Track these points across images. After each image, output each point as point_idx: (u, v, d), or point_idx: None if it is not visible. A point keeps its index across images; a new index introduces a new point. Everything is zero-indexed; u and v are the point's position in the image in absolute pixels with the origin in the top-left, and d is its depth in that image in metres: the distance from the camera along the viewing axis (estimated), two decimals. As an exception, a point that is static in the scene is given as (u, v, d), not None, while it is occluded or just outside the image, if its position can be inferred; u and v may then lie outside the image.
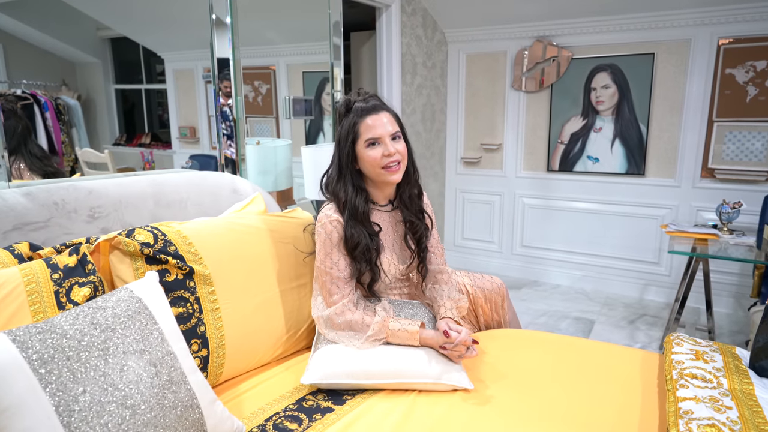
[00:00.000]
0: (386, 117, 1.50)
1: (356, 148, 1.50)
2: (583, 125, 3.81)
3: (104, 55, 2.85)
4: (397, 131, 1.51)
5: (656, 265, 3.72)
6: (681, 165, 3.53)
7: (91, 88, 2.81)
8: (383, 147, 1.47)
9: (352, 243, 1.46)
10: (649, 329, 3.26)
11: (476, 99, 4.21)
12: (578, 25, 3.67)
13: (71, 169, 2.64)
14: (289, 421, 1.22)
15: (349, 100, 1.54)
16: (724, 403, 1.22)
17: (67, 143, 2.62)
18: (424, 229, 1.61)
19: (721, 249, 2.61)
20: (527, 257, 4.23)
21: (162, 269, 1.29)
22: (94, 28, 2.81)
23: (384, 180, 1.51)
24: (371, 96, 1.55)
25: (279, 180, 2.76)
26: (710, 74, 3.34)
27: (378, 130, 1.47)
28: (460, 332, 1.41)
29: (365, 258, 1.48)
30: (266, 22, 3.20)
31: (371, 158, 1.47)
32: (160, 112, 3.21)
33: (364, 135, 1.48)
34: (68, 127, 2.65)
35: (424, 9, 3.86)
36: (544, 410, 1.30)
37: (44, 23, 2.53)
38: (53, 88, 2.59)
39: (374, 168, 1.48)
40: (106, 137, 2.93)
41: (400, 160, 1.50)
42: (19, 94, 2.42)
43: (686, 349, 1.48)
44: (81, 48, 2.79)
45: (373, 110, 1.50)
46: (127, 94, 3.00)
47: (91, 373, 0.93)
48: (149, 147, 3.12)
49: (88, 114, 2.77)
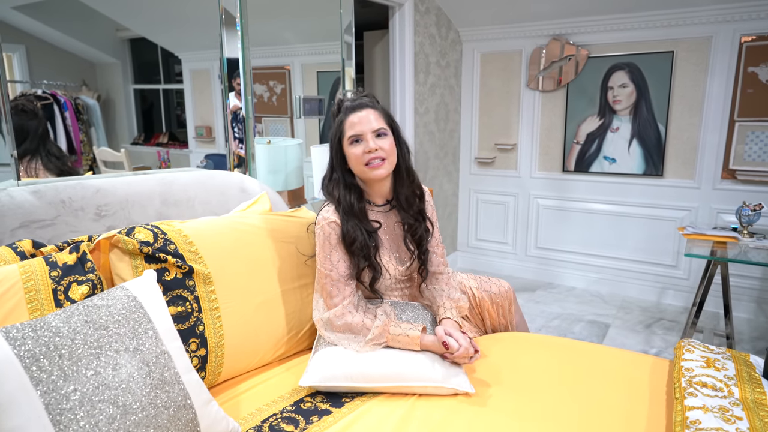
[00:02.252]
0: (372, 114, 1.48)
1: (343, 147, 1.50)
2: (600, 125, 3.74)
3: (123, 56, 2.88)
4: (382, 128, 1.49)
5: (674, 268, 3.64)
6: (701, 166, 3.44)
7: (110, 88, 2.84)
8: (364, 143, 1.46)
9: (349, 239, 1.45)
10: (666, 334, 3.18)
11: (490, 98, 4.16)
12: (595, 23, 3.60)
13: (90, 167, 2.68)
14: (285, 423, 1.21)
15: (341, 100, 1.54)
16: (734, 413, 1.17)
17: (85, 142, 2.66)
18: (423, 232, 1.59)
19: (740, 253, 2.53)
20: (542, 259, 4.16)
21: (161, 268, 1.29)
22: (114, 29, 2.84)
23: (368, 177, 1.49)
24: (363, 95, 1.54)
25: (289, 179, 2.76)
26: (732, 72, 3.25)
27: (359, 127, 1.46)
28: (459, 341, 1.37)
29: (363, 253, 1.46)
30: (282, 22, 3.20)
31: (354, 155, 1.47)
32: (178, 112, 3.23)
33: (347, 132, 1.48)
34: (87, 126, 2.69)
35: (438, 8, 3.83)
36: (547, 416, 1.26)
37: (65, 25, 2.57)
38: (73, 88, 2.63)
39: (359, 165, 1.48)
40: (125, 137, 2.96)
41: (385, 157, 1.47)
42: (39, 93, 2.46)
43: (697, 355, 1.44)
44: (101, 49, 2.82)
45: (358, 108, 1.49)
46: (146, 94, 3.03)
47: (83, 371, 0.93)
48: (166, 146, 3.15)
49: (107, 114, 2.81)
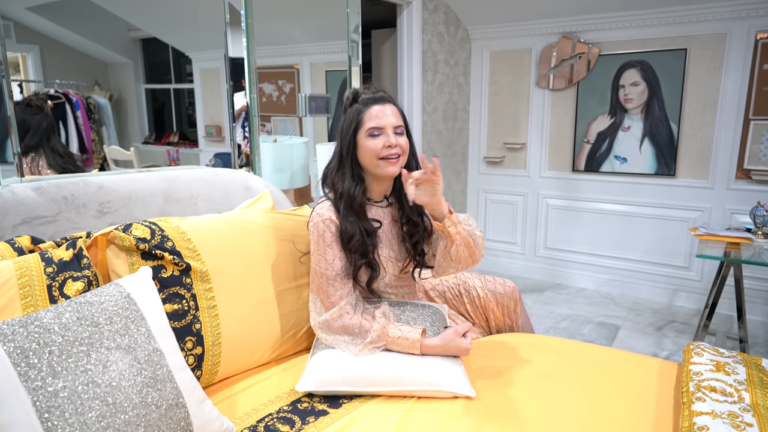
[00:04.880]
0: (391, 109, 1.47)
1: (357, 137, 1.46)
2: (611, 124, 3.69)
3: (135, 56, 2.90)
4: (401, 125, 1.48)
5: (687, 269, 3.57)
6: (714, 165, 3.38)
7: (122, 88, 2.86)
8: (385, 137, 1.43)
9: (347, 236, 1.42)
10: (678, 336, 3.12)
11: (500, 97, 4.12)
12: (606, 21, 3.55)
13: (101, 166, 2.69)
14: (281, 423, 1.19)
15: (357, 91, 1.51)
16: (744, 420, 1.13)
17: (97, 141, 2.68)
18: (422, 231, 1.55)
19: (755, 254, 2.47)
20: (551, 259, 4.11)
21: (158, 265, 1.27)
22: (126, 30, 2.86)
23: (381, 172, 1.46)
24: (379, 90, 1.53)
25: (295, 178, 2.75)
26: (747, 70, 3.19)
27: (382, 120, 1.44)
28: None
29: (360, 251, 1.44)
30: (291, 21, 3.20)
31: (371, 148, 1.43)
32: (189, 112, 3.25)
33: (367, 124, 1.44)
34: (98, 125, 2.70)
35: (447, 6, 3.80)
36: (550, 421, 1.23)
37: (78, 25, 2.59)
38: (86, 87, 2.65)
39: (372, 158, 1.44)
40: (136, 136, 2.97)
41: (400, 154, 1.46)
42: (51, 93, 2.48)
43: (706, 359, 1.40)
44: (113, 49, 2.84)
45: (380, 100, 1.47)
46: (157, 93, 3.05)
47: (73, 368, 0.92)
48: (177, 146, 3.16)
49: (119, 113, 2.82)
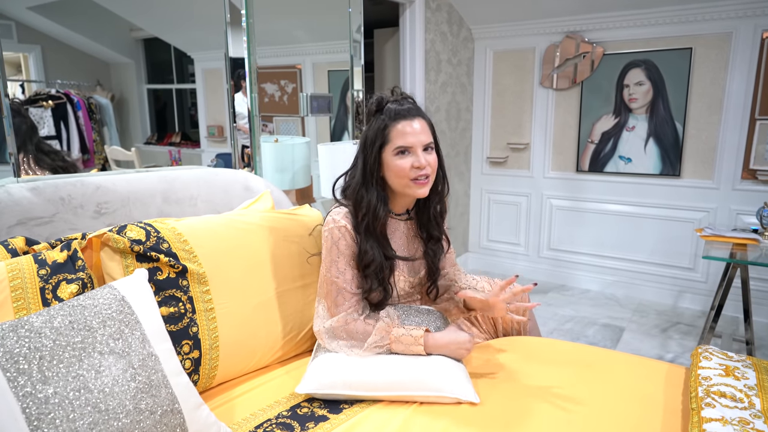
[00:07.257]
0: (420, 124, 1.36)
1: (383, 154, 1.37)
2: (615, 124, 3.65)
3: (137, 56, 2.88)
4: (431, 142, 1.39)
5: (692, 271, 3.53)
6: (720, 166, 3.34)
7: (124, 88, 2.84)
8: (414, 157, 1.34)
9: (366, 260, 1.36)
10: (683, 338, 3.08)
11: (503, 97, 4.08)
12: (610, 20, 3.51)
13: (102, 166, 2.67)
14: (280, 429, 1.16)
15: (382, 99, 1.41)
16: (755, 426, 1.10)
17: (98, 141, 2.66)
18: (439, 249, 1.51)
19: (761, 255, 2.43)
20: (555, 260, 4.08)
21: (153, 267, 1.25)
22: (128, 29, 2.84)
23: (410, 192, 1.38)
24: (406, 98, 1.42)
25: (297, 178, 2.73)
26: (753, 69, 3.15)
27: (410, 138, 1.34)
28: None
29: (378, 277, 1.38)
30: (293, 21, 3.17)
31: (399, 168, 1.35)
32: (192, 112, 3.23)
33: (394, 141, 1.35)
34: (100, 125, 2.69)
35: (450, 5, 3.77)
36: (554, 427, 1.20)
37: (80, 25, 2.57)
38: (88, 87, 2.63)
39: (401, 179, 1.36)
40: (138, 136, 2.95)
41: (429, 174, 1.38)
42: (53, 93, 2.46)
43: (715, 363, 1.36)
44: (115, 49, 2.82)
45: (408, 115, 1.36)
46: (159, 93, 3.03)
47: (64, 374, 0.89)
48: (179, 146, 3.14)
49: (121, 113, 2.80)
